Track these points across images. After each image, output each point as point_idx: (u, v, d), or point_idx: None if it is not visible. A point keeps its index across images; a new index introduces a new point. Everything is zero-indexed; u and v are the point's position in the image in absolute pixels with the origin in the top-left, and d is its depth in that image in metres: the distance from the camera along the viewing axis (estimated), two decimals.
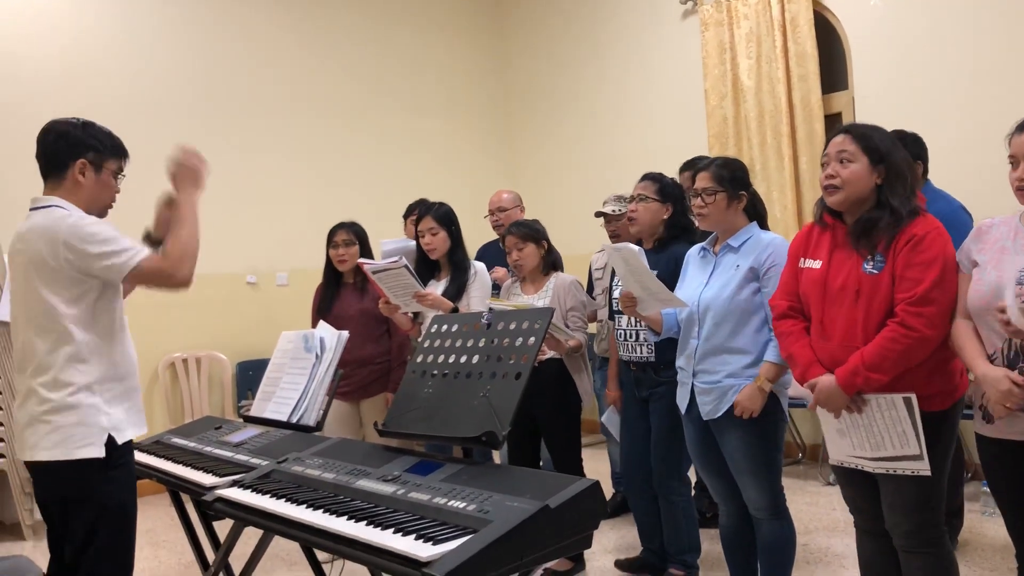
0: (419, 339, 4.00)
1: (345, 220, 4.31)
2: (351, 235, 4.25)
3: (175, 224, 2.48)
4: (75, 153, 2.43)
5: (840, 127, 2.55)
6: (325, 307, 4.24)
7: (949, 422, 2.42)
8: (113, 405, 2.41)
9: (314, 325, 4.20)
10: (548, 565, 3.73)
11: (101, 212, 2.52)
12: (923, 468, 2.34)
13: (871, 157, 2.43)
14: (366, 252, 4.27)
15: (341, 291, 4.28)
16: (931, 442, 2.34)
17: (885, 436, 2.38)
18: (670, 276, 3.27)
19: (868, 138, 2.45)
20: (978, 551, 3.80)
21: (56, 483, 2.39)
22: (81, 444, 2.33)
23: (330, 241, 4.28)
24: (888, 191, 2.41)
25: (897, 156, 2.45)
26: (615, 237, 4.37)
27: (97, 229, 2.35)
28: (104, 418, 2.38)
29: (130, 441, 2.48)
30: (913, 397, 2.31)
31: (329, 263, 4.31)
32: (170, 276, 2.40)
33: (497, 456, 4.31)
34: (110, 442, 2.37)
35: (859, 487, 2.57)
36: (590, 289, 4.49)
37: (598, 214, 4.38)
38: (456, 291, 3.83)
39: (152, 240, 2.68)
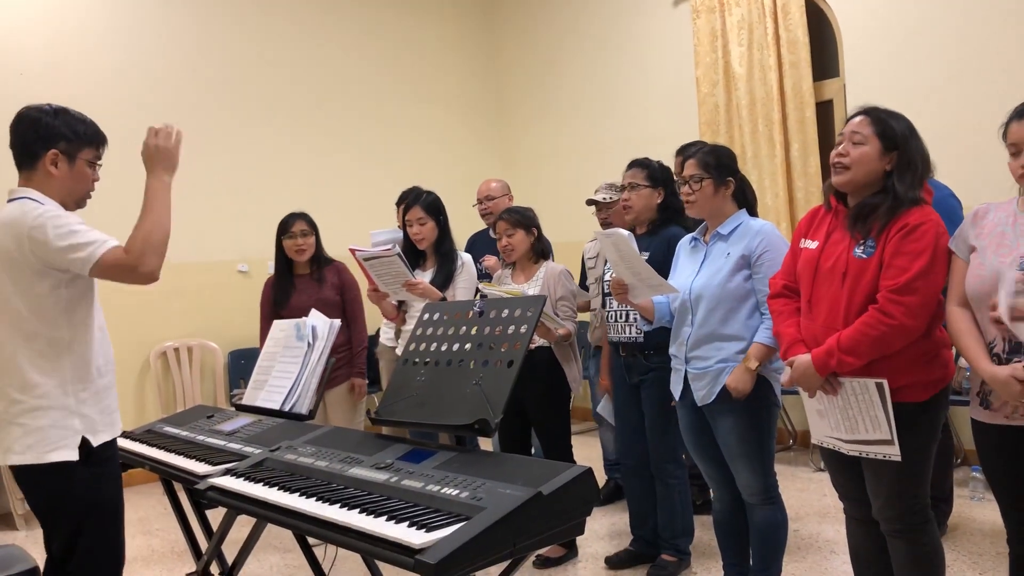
0: (405, 328, 4.03)
1: (295, 211, 4.30)
2: (308, 225, 4.26)
3: (142, 212, 2.32)
4: (46, 143, 2.31)
5: (860, 108, 2.52)
6: (281, 300, 4.21)
7: (929, 413, 2.41)
8: (87, 405, 2.33)
9: (266, 319, 4.19)
10: (541, 552, 3.76)
11: (79, 203, 2.42)
12: (893, 453, 2.35)
13: (884, 142, 2.42)
14: (319, 241, 4.30)
15: (296, 282, 4.26)
16: (908, 431, 2.35)
17: (859, 419, 2.40)
18: (664, 259, 3.29)
19: (884, 123, 2.43)
20: (966, 536, 3.83)
21: (34, 486, 2.33)
22: (53, 447, 2.26)
23: (286, 231, 4.25)
24: (896, 178, 2.40)
25: (912, 145, 2.42)
26: (607, 225, 4.36)
27: (63, 222, 2.23)
28: (77, 420, 2.30)
29: (113, 441, 2.42)
30: (885, 383, 2.33)
31: (280, 255, 4.27)
32: (132, 269, 2.25)
33: (489, 443, 4.32)
34: (85, 444, 2.30)
35: (846, 474, 2.59)
36: (583, 278, 4.50)
37: (589, 202, 4.39)
38: (443, 281, 3.83)
39: None
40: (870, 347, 2.34)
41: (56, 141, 2.32)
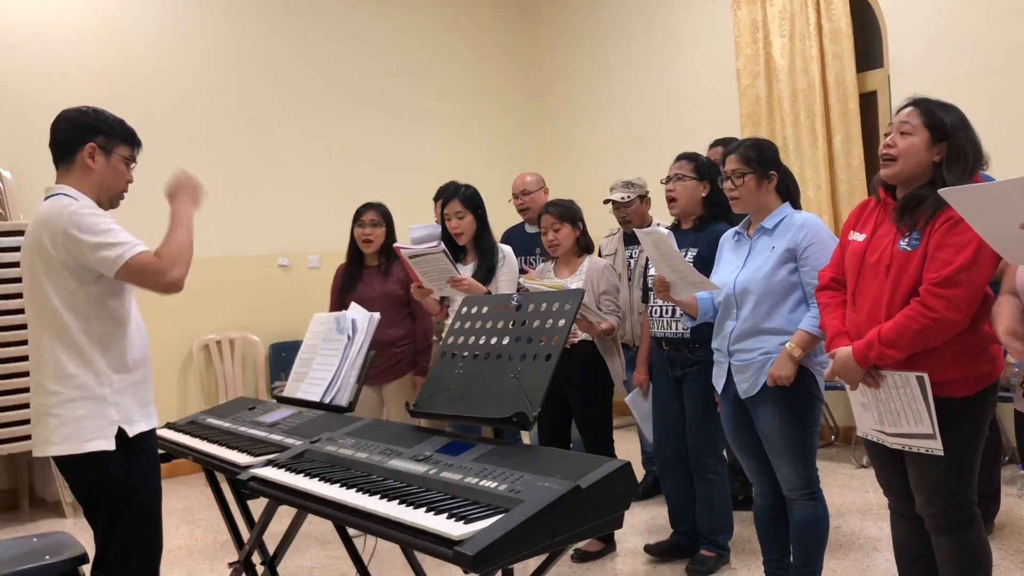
0: (447, 321, 4.04)
1: (372, 200, 4.31)
2: (379, 216, 4.24)
3: (171, 228, 2.43)
4: (84, 137, 2.40)
5: (910, 99, 2.48)
6: (348, 287, 4.23)
7: (973, 409, 2.37)
8: (123, 396, 2.39)
9: (334, 306, 4.23)
10: (579, 545, 3.76)
11: (112, 201, 2.50)
12: (936, 447, 2.32)
13: (933, 133, 2.37)
14: (392, 234, 4.27)
15: (364, 273, 4.28)
16: (951, 426, 2.32)
17: (901, 413, 2.38)
18: (712, 255, 3.26)
19: (932, 113, 2.39)
20: (1014, 535, 3.75)
21: (74, 475, 2.40)
22: (90, 437, 2.32)
23: (357, 220, 4.26)
24: (945, 170, 2.35)
25: (962, 136, 2.37)
26: (625, 223, 4.33)
27: (96, 220, 2.31)
28: (113, 410, 2.36)
29: (152, 430, 2.47)
30: (925, 376, 2.29)
31: (353, 243, 4.30)
32: (162, 275, 2.34)
33: (527, 437, 4.32)
34: (121, 434, 2.35)
35: (890, 469, 2.56)
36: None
37: (606, 202, 4.34)
38: (485, 275, 3.82)
39: None
40: (911, 340, 2.30)
41: (94, 135, 2.41)
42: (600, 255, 4.53)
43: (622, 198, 4.28)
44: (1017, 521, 3.92)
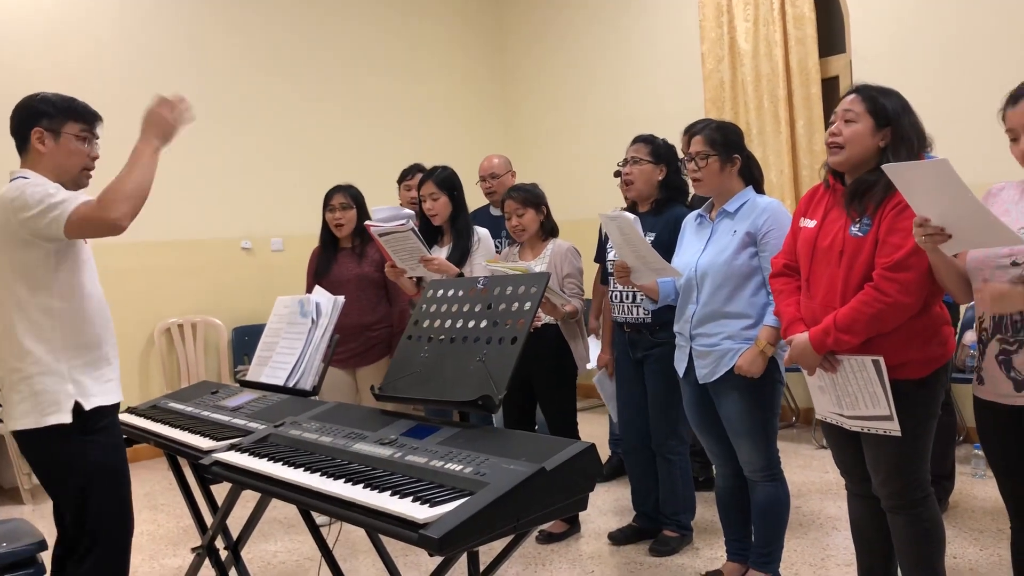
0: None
1: (341, 183, 4.28)
2: (348, 198, 4.20)
3: (125, 166, 2.37)
4: (30, 124, 2.45)
5: (852, 86, 2.52)
6: (322, 271, 4.20)
7: (927, 389, 2.42)
8: (81, 373, 2.41)
9: (309, 290, 4.19)
10: (544, 527, 3.78)
11: (78, 180, 2.50)
12: (893, 429, 2.37)
13: (876, 119, 2.41)
14: (363, 215, 4.23)
15: (338, 256, 4.25)
16: (906, 408, 2.37)
17: (859, 396, 2.42)
18: (670, 240, 3.28)
19: (875, 100, 2.42)
20: (968, 513, 3.84)
21: (35, 451, 2.43)
22: (48, 412, 2.36)
23: (327, 205, 4.23)
24: (891, 155, 2.39)
25: (905, 121, 2.42)
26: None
27: (38, 190, 2.33)
28: (70, 385, 2.39)
29: (115, 405, 2.49)
30: (881, 360, 2.34)
31: (326, 227, 4.27)
32: (100, 218, 2.28)
33: (494, 420, 4.33)
34: (78, 408, 2.38)
35: (847, 450, 2.61)
36: (602, 253, 4.45)
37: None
38: (460, 257, 3.81)
39: None
40: (866, 325, 2.34)
41: (38, 119, 2.45)
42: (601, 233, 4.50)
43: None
44: (970, 499, 4.01)
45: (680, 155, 3.52)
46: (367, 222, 3.86)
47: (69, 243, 2.40)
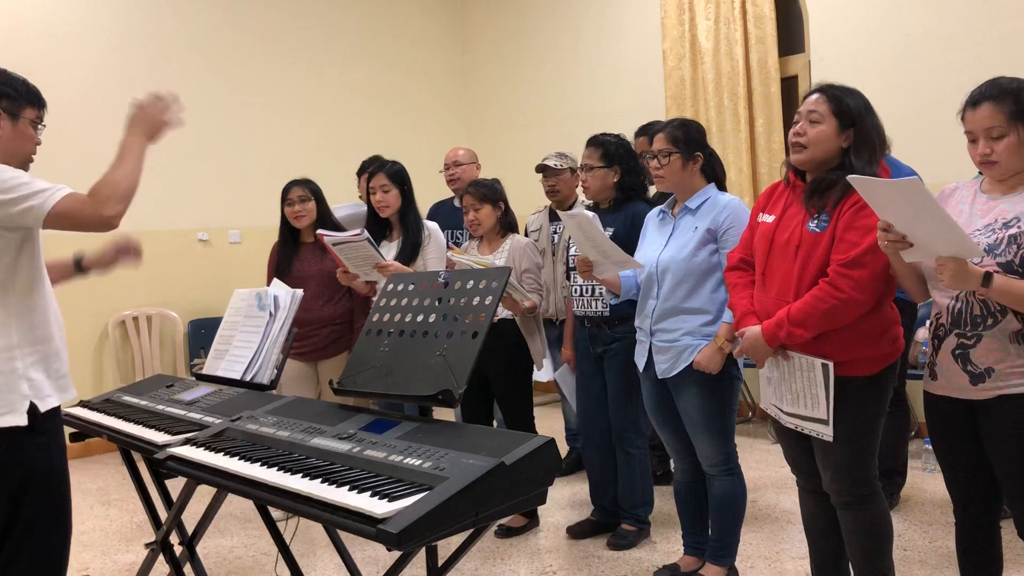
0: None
1: (298, 177, 4.23)
2: (306, 191, 4.15)
3: (113, 162, 2.27)
4: None
5: (816, 86, 2.53)
6: (284, 268, 4.13)
7: (876, 386, 2.45)
8: (34, 370, 2.26)
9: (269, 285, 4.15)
10: (503, 521, 3.79)
11: (22, 165, 2.34)
12: (826, 434, 2.41)
13: (841, 120, 2.43)
14: (322, 208, 4.19)
15: (300, 251, 4.19)
16: (855, 405, 2.40)
17: (801, 395, 2.45)
18: (629, 233, 3.30)
19: (839, 100, 2.44)
20: (918, 506, 3.92)
21: None
22: (2, 412, 2.19)
23: (285, 199, 4.18)
24: (853, 155, 2.41)
25: (868, 123, 2.44)
26: (553, 193, 4.33)
27: (8, 175, 2.18)
28: (25, 384, 2.23)
29: (57, 408, 2.34)
30: (831, 365, 2.36)
31: (285, 222, 4.21)
32: (94, 215, 2.17)
33: (451, 414, 4.33)
34: (33, 409, 2.23)
35: (797, 447, 2.64)
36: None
37: (539, 168, 4.33)
38: (411, 252, 3.81)
39: (80, 267, 2.63)
40: (819, 320, 2.37)
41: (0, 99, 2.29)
42: (527, 232, 4.53)
43: (555, 164, 4.29)
44: (921, 493, 4.09)
45: (636, 152, 3.55)
46: (320, 231, 3.80)
47: (32, 232, 2.27)
